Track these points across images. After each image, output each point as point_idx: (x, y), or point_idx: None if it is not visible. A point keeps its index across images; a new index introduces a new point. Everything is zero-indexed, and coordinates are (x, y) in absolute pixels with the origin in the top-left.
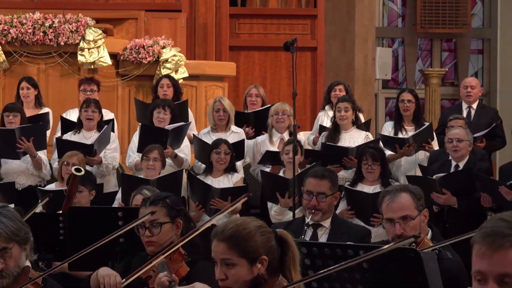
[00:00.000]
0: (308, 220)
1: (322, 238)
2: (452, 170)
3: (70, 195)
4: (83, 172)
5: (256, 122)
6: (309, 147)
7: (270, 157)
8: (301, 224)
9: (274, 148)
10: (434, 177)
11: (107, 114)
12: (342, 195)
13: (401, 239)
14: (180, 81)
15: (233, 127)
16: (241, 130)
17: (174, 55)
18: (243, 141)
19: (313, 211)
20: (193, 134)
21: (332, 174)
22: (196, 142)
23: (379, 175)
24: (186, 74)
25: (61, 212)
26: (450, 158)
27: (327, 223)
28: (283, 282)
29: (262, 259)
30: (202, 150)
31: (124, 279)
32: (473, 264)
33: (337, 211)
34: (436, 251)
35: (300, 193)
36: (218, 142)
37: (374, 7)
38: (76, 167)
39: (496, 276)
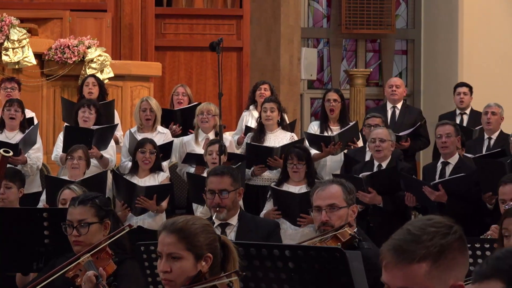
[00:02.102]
0: (213, 218)
1: (231, 236)
2: (375, 169)
3: None
4: (11, 154)
5: (183, 120)
6: (235, 147)
7: (194, 158)
8: None
9: (200, 148)
10: (360, 175)
11: (28, 113)
12: (269, 195)
13: (325, 226)
14: (106, 81)
15: (160, 127)
16: (167, 131)
17: (100, 55)
18: (170, 142)
19: (217, 209)
20: (129, 131)
21: (233, 170)
22: (130, 138)
23: (304, 175)
24: (112, 74)
25: None
26: (368, 158)
27: (234, 220)
28: (225, 281)
29: (207, 257)
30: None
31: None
32: (382, 272)
33: (263, 212)
34: (356, 240)
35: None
36: (143, 142)
37: (299, 7)
38: (4, 148)
39: None
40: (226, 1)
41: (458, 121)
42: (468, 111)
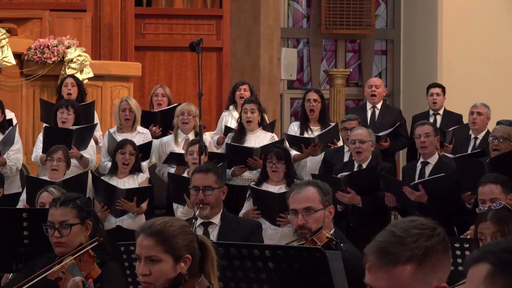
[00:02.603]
0: (196, 215)
1: (213, 235)
2: (355, 170)
3: None
4: None
5: (163, 122)
6: (214, 148)
7: (175, 158)
8: (190, 222)
9: (179, 149)
10: (339, 176)
11: (7, 114)
12: (248, 195)
13: (302, 230)
14: (85, 81)
15: (139, 128)
16: (147, 131)
17: (79, 55)
18: (150, 142)
19: (201, 205)
20: (108, 131)
21: (218, 169)
22: (109, 139)
23: (284, 175)
24: (91, 74)
25: None
26: (346, 158)
27: (216, 219)
28: (204, 282)
29: (186, 258)
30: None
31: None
32: (366, 274)
33: (242, 211)
34: (334, 243)
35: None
36: (123, 143)
37: (279, 7)
38: None
39: None
40: (206, 1)
41: (431, 122)
42: (441, 112)
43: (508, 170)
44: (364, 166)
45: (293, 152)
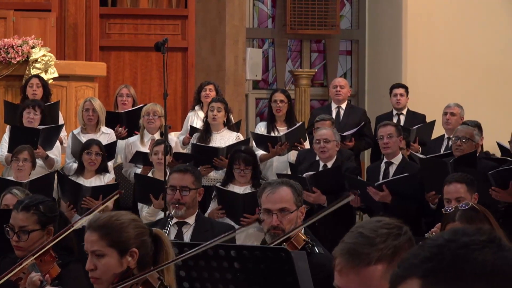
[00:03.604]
0: (172, 214)
1: (187, 235)
2: (320, 169)
3: None
4: None
5: (129, 122)
6: (181, 148)
7: (141, 158)
8: (165, 221)
9: (146, 149)
10: (304, 175)
11: None
12: (213, 195)
13: (276, 230)
14: (50, 81)
15: (103, 128)
16: (111, 131)
17: (44, 55)
18: (114, 142)
19: (176, 205)
20: (72, 132)
21: (195, 170)
22: (73, 140)
23: (250, 177)
24: (56, 74)
25: None
26: (318, 158)
27: (191, 220)
28: (154, 275)
29: (132, 252)
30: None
31: None
32: (335, 276)
33: (208, 211)
34: (309, 245)
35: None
36: (90, 143)
37: (244, 8)
38: None
39: None
40: (171, 1)
41: (395, 122)
42: (404, 112)
43: (471, 170)
44: (329, 165)
45: (260, 152)
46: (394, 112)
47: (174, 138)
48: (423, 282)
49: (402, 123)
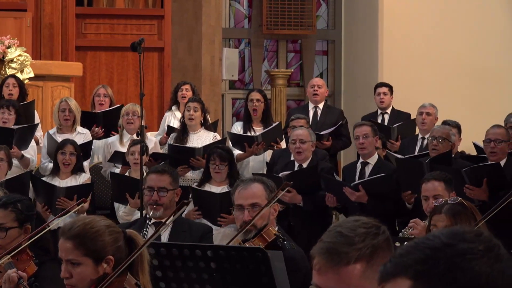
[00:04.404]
0: (149, 215)
1: (164, 235)
2: (296, 169)
3: None
4: None
5: (105, 122)
6: (159, 148)
7: (120, 157)
8: (143, 222)
9: (125, 149)
10: (280, 175)
11: None
12: (190, 196)
13: (247, 226)
14: (26, 81)
15: (79, 128)
16: (87, 131)
17: (20, 55)
18: (90, 142)
19: (154, 206)
20: (47, 132)
21: (173, 171)
22: (49, 140)
23: (226, 175)
24: (32, 74)
25: None
26: (293, 158)
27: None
28: (131, 280)
29: (108, 259)
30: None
31: None
32: (313, 275)
33: (184, 212)
34: (280, 240)
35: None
36: (64, 143)
37: (220, 8)
38: None
39: None
40: (147, 1)
41: (379, 121)
42: (389, 111)
43: (445, 168)
44: (304, 166)
45: (236, 152)
46: (379, 111)
47: (153, 138)
48: (414, 284)
49: (386, 122)
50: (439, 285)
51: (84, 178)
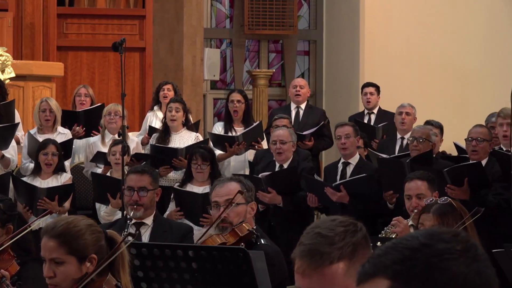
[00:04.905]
0: (130, 216)
1: (145, 236)
2: (277, 170)
3: None
4: None
5: (86, 121)
6: (141, 148)
7: (102, 158)
8: (124, 223)
9: (107, 149)
10: (260, 175)
11: None
12: (172, 196)
13: (224, 223)
14: (7, 81)
15: (60, 128)
16: (68, 131)
17: (1, 55)
18: (70, 140)
19: (134, 206)
20: (28, 132)
21: (153, 170)
22: (29, 140)
23: (208, 175)
24: (13, 74)
25: None
26: (274, 158)
27: (149, 220)
28: (112, 281)
29: (91, 258)
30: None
31: None
32: (296, 279)
33: (166, 213)
34: (254, 236)
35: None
36: (46, 143)
37: (202, 8)
38: None
39: None
40: (128, 1)
41: (366, 121)
42: (375, 111)
43: (427, 167)
44: (285, 166)
45: (217, 152)
46: (365, 111)
47: (135, 138)
48: (392, 284)
49: (372, 122)
50: (417, 285)
51: (65, 178)
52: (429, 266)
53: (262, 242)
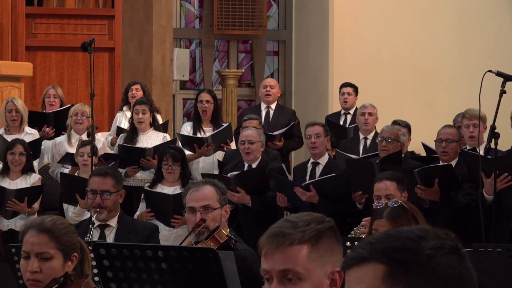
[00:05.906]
0: (93, 219)
1: (110, 237)
2: (245, 169)
3: None
4: None
5: (56, 122)
6: (109, 148)
7: (70, 158)
8: (87, 226)
9: (73, 149)
10: (229, 175)
11: None
12: (142, 197)
13: (200, 228)
14: None
15: (27, 128)
16: (35, 131)
17: None
18: (37, 140)
19: (98, 209)
20: None
21: (116, 172)
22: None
23: (179, 176)
24: None
25: None
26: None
27: (113, 222)
28: (91, 284)
29: (73, 257)
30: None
31: None
32: (261, 263)
33: (137, 213)
34: (232, 241)
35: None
36: (14, 143)
37: (171, 8)
38: None
39: (278, 273)
40: (97, 1)
41: (342, 121)
42: (352, 111)
43: (396, 168)
44: (254, 166)
45: (186, 152)
46: (342, 111)
47: (102, 138)
48: (389, 270)
49: (348, 122)
50: (415, 274)
51: (34, 178)
52: (429, 258)
53: (239, 246)
